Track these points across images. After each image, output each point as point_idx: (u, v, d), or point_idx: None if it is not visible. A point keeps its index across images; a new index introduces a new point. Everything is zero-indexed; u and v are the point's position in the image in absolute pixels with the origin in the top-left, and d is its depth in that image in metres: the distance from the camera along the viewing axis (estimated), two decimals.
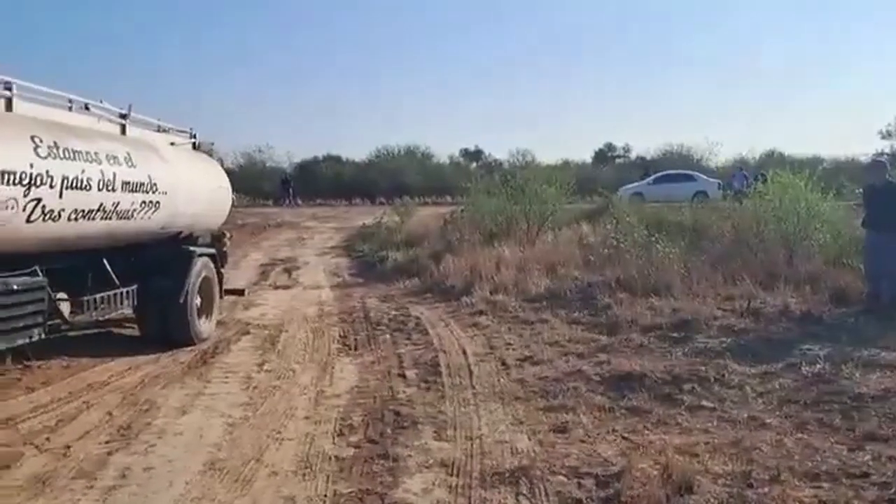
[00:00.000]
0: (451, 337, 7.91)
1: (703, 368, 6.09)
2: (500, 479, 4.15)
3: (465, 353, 7.14)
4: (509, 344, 7.41)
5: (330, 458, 4.52)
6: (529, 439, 4.79)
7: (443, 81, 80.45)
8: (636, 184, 30.25)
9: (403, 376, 6.44)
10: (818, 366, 5.89)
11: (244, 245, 17.44)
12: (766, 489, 3.83)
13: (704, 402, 5.36)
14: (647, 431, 4.90)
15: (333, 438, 4.90)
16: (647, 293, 8.96)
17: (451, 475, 4.24)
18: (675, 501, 3.71)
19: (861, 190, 9.26)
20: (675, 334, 7.35)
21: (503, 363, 6.71)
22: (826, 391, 5.37)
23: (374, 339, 8.01)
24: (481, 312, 9.04)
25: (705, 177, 30.85)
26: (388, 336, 8.16)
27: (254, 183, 37.25)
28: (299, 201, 36.24)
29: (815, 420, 4.90)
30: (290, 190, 37.16)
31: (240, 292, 9.29)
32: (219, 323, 8.49)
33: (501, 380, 6.19)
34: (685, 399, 5.47)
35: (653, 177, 31.09)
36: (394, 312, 9.56)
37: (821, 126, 67.06)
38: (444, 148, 63.17)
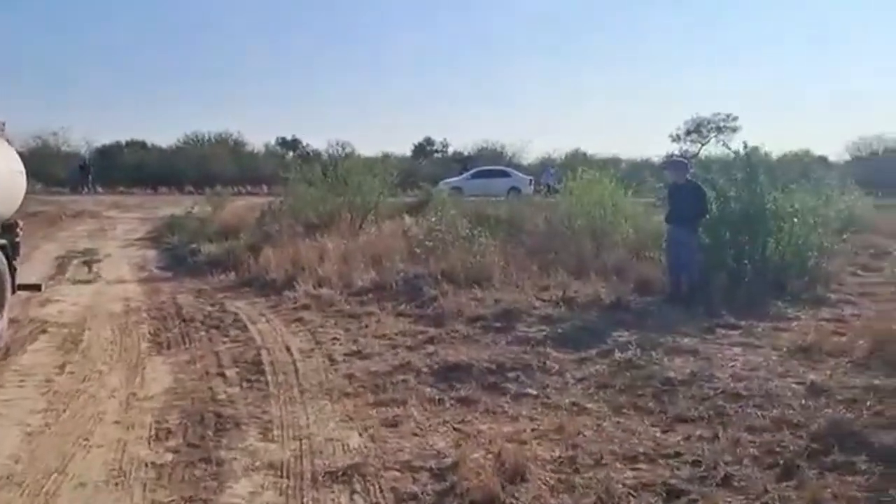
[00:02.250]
0: (273, 333, 7.60)
1: (526, 356, 6.28)
2: (333, 478, 4.03)
3: (289, 349, 6.88)
4: (336, 338, 7.24)
5: (146, 465, 4.19)
6: (360, 435, 4.69)
7: (259, 67, 77.99)
8: (456, 178, 30.96)
9: (223, 375, 6.11)
10: (629, 352, 6.22)
11: (35, 236, 15.84)
12: (591, 473, 3.99)
13: (529, 390, 5.53)
14: (476, 421, 4.96)
15: (149, 443, 4.56)
16: (470, 284, 9.15)
17: (281, 477, 4.06)
18: (510, 490, 3.76)
19: (662, 185, 9.95)
20: (498, 324, 7.54)
21: (330, 359, 6.54)
22: (638, 376, 5.70)
23: (188, 337, 7.52)
24: (305, 307, 8.77)
25: (519, 174, 32.18)
26: (203, 333, 7.69)
27: (47, 168, 34.06)
28: (99, 189, 33.69)
29: (630, 404, 5.18)
30: (89, 177, 34.45)
31: (36, 287, 8.36)
32: (11, 321, 7.63)
33: (329, 376, 6.04)
34: (511, 387, 5.60)
35: (470, 172, 32.00)
36: (209, 308, 9.04)
37: (619, 129, 72.16)
38: (258, 137, 60.99)
